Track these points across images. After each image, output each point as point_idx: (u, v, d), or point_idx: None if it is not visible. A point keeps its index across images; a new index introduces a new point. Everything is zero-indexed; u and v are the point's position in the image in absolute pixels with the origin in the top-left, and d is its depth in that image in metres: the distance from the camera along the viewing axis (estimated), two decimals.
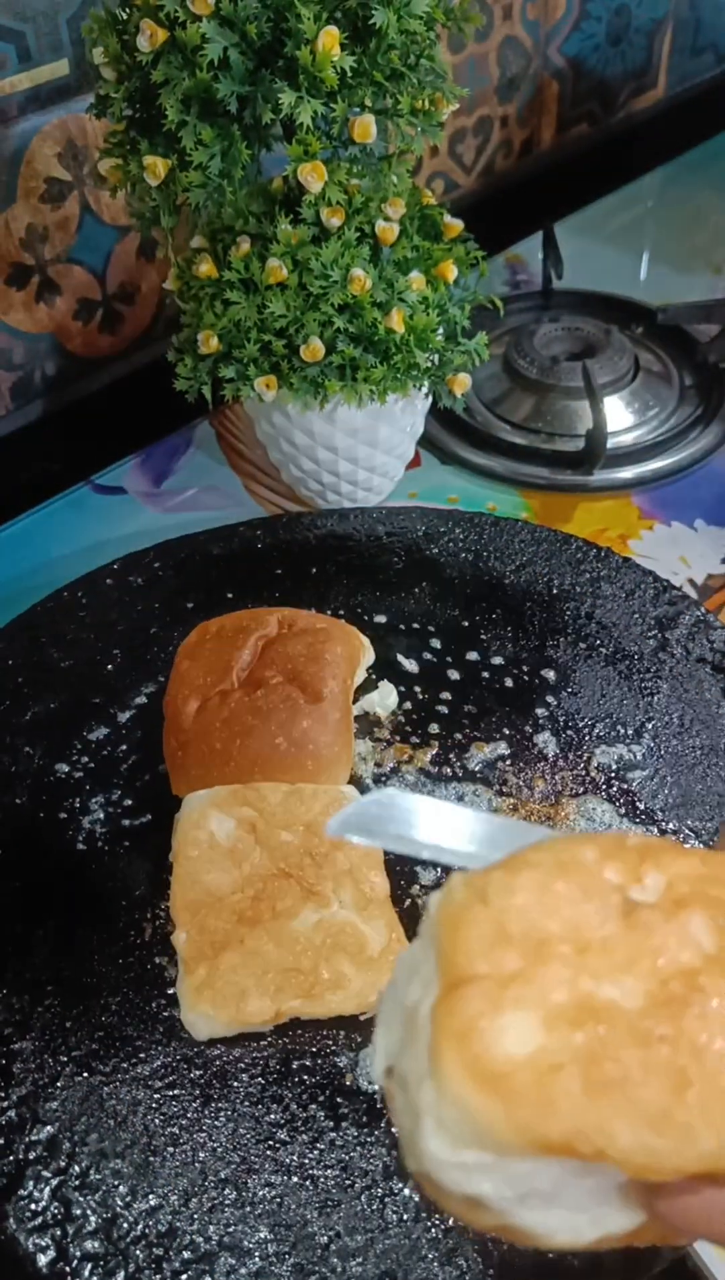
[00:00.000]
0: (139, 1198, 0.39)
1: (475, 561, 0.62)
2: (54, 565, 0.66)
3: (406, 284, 0.58)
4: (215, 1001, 0.41)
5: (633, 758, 0.52)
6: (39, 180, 0.69)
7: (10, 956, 0.46)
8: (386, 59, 0.52)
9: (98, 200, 0.73)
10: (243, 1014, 0.41)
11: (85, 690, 0.56)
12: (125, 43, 0.53)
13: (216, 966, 0.42)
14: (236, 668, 0.50)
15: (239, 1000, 0.41)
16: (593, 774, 0.51)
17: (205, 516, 0.70)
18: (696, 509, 0.71)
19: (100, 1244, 0.38)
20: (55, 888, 0.48)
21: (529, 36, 0.97)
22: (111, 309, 0.77)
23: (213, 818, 0.46)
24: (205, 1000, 0.42)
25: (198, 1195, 0.39)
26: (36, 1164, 0.40)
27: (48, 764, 0.53)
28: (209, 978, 0.42)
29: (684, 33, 1.11)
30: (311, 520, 0.66)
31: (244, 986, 0.41)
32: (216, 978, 0.42)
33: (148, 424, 0.77)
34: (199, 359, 0.60)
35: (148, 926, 0.47)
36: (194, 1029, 0.42)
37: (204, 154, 0.52)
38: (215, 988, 0.42)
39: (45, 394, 0.76)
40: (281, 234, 0.56)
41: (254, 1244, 0.38)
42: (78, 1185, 0.39)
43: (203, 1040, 0.43)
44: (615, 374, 0.77)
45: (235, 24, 0.50)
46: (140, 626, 0.60)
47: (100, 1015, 0.44)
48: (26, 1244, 0.38)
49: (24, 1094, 0.42)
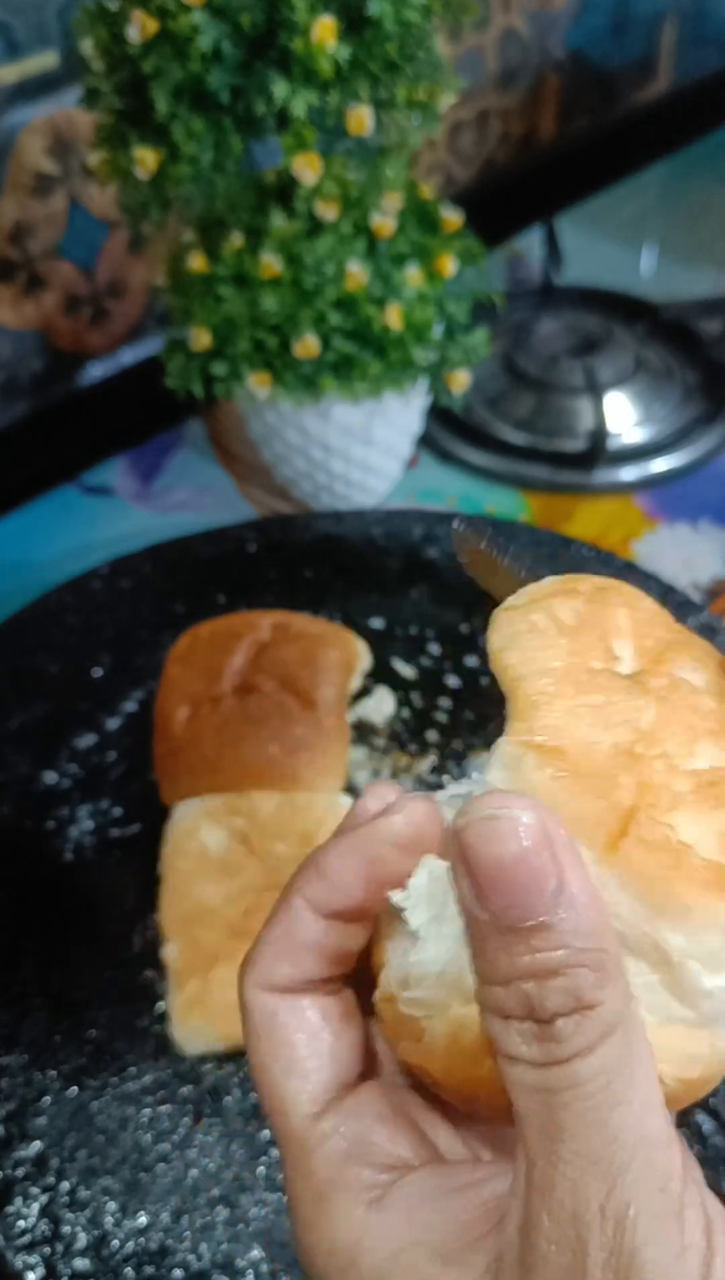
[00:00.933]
0: (129, 1215, 0.38)
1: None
2: (41, 567, 0.65)
3: (403, 279, 0.57)
4: (207, 1016, 0.41)
5: None
6: (27, 174, 0.68)
7: None
8: (383, 50, 0.51)
9: (86, 194, 0.72)
10: (237, 1028, 0.40)
11: (73, 697, 0.55)
12: (115, 34, 0.52)
13: (208, 980, 0.41)
14: (228, 673, 0.49)
15: (231, 1015, 0.40)
16: None
17: (196, 517, 0.69)
18: (700, 509, 0.70)
19: (90, 1262, 0.37)
20: (42, 899, 0.47)
21: (529, 28, 0.95)
22: (100, 305, 0.76)
23: (204, 828, 0.45)
24: (197, 1014, 0.41)
25: (189, 1213, 0.38)
26: (25, 1181, 0.39)
27: (34, 772, 0.52)
28: (201, 991, 0.41)
29: (686, 24, 1.10)
30: (305, 522, 0.65)
31: (235, 1001, 0.40)
32: (208, 991, 0.41)
33: (137, 422, 0.76)
34: (190, 356, 0.59)
35: (137, 939, 0.46)
36: (185, 1044, 0.42)
37: (195, 146, 0.51)
38: (207, 1002, 0.41)
39: (32, 392, 0.75)
40: (275, 228, 0.55)
41: (247, 1263, 0.37)
42: (67, 1202, 0.39)
43: (194, 1056, 0.42)
44: (617, 371, 0.76)
45: (228, 14, 0.49)
46: (129, 631, 0.59)
47: (89, 1029, 0.43)
48: (15, 1262, 0.37)
49: (11, 1110, 0.41)
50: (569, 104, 1.04)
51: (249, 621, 0.52)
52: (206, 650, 0.51)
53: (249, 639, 0.51)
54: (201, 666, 0.50)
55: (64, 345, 0.76)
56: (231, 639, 0.51)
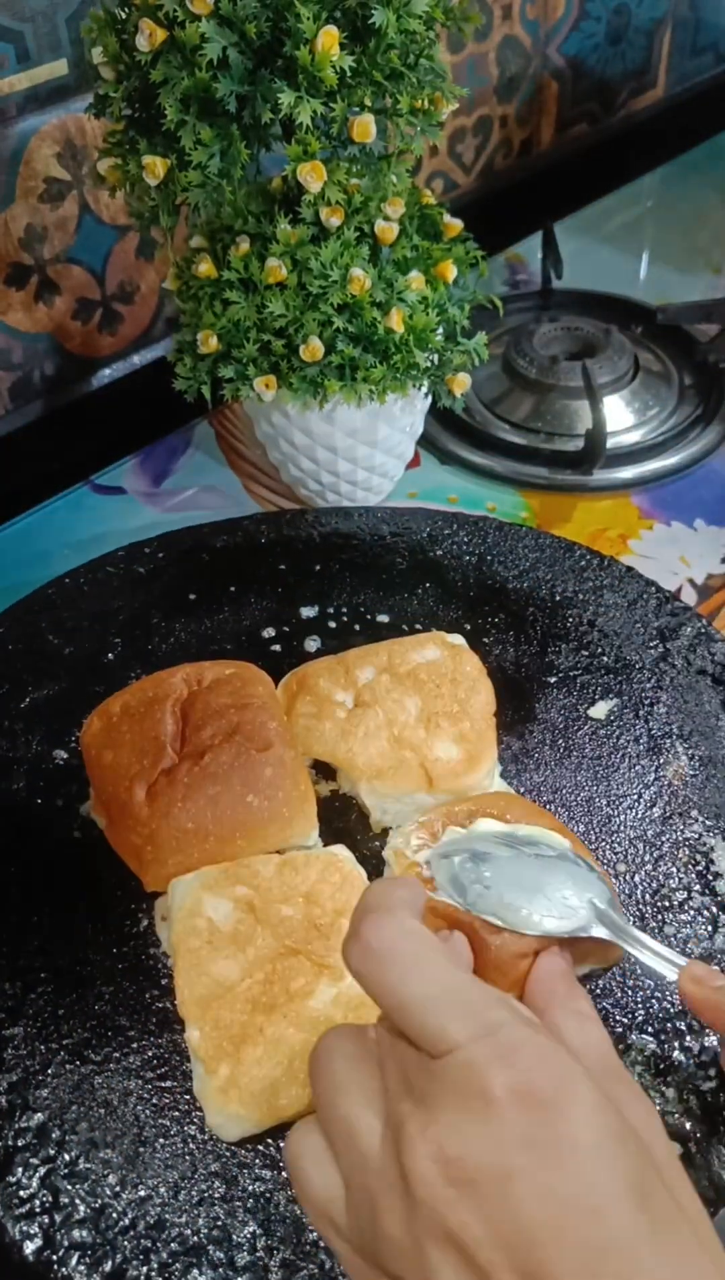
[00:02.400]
0: (128, 1188, 0.39)
1: (479, 565, 0.63)
2: (53, 565, 0.66)
3: (406, 284, 0.58)
4: (245, 1101, 0.39)
5: None
6: (38, 180, 0.70)
7: (4, 943, 0.46)
8: (386, 59, 0.52)
9: (97, 200, 0.73)
10: (276, 1109, 0.39)
11: (85, 678, 0.56)
12: (124, 42, 0.54)
13: (240, 1062, 0.39)
14: (167, 740, 0.47)
15: (270, 1096, 0.39)
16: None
17: (205, 516, 0.70)
18: (696, 509, 0.71)
19: (88, 1233, 0.38)
20: (51, 875, 0.48)
21: (528, 36, 0.97)
22: (110, 309, 0.78)
23: (207, 902, 0.43)
24: (233, 1101, 0.39)
25: (187, 1187, 0.39)
26: (25, 1151, 0.40)
27: (46, 751, 0.53)
28: (233, 1075, 0.39)
29: (683, 32, 1.11)
30: (315, 517, 0.66)
31: (272, 1079, 0.39)
32: (241, 1074, 0.39)
33: (147, 424, 0.77)
34: (198, 359, 0.60)
35: (143, 917, 0.47)
36: (222, 1131, 0.40)
37: (203, 153, 0.52)
38: (242, 1085, 0.39)
39: (44, 394, 0.77)
40: (281, 234, 0.56)
41: (243, 1238, 0.38)
42: (67, 1174, 0.39)
43: (233, 1141, 0.40)
44: (615, 374, 0.77)
45: (234, 23, 0.50)
46: (142, 616, 0.60)
47: (93, 1004, 0.44)
48: (13, 1231, 0.38)
49: (14, 1080, 0.42)
50: (567, 111, 1.05)
51: (156, 683, 0.49)
52: (128, 726, 0.48)
53: (170, 701, 0.48)
54: (132, 745, 0.47)
55: (75, 348, 0.77)
56: (151, 706, 0.48)
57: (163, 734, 0.47)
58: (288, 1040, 0.40)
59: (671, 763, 0.52)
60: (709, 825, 0.49)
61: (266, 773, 0.46)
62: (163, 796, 0.46)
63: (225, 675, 0.50)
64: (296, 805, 0.47)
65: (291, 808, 0.46)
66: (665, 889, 0.47)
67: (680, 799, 0.50)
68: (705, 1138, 0.40)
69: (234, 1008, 0.41)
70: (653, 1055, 0.42)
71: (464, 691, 0.51)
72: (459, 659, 0.52)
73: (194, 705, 0.48)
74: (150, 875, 0.46)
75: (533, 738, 0.54)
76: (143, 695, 0.49)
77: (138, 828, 0.46)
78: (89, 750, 0.49)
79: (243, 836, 0.45)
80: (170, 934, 0.44)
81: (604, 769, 0.52)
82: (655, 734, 0.53)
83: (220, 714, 0.47)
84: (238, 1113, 0.39)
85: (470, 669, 0.52)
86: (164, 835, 0.45)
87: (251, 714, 0.48)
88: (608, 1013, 0.43)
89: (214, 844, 0.45)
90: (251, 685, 0.50)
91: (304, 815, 0.47)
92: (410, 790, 0.49)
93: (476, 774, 0.49)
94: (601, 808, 0.50)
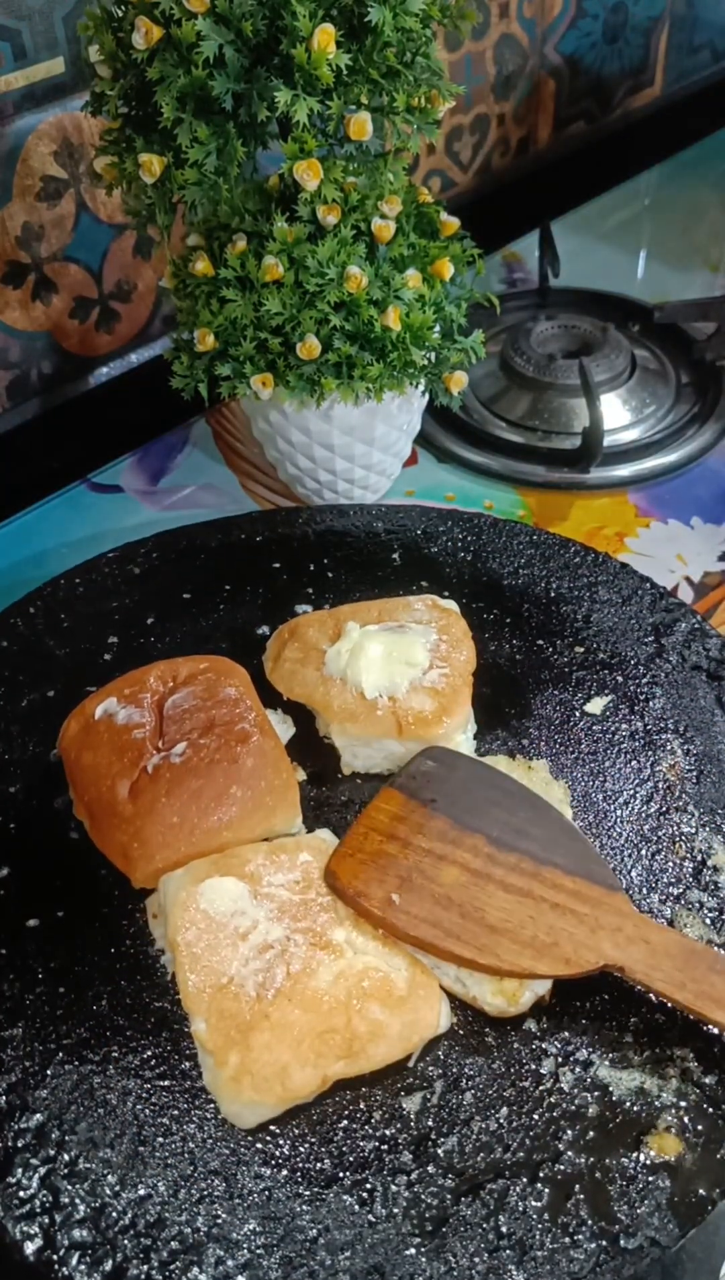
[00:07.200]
0: (128, 1187, 0.39)
1: (473, 562, 0.63)
2: (50, 564, 0.66)
3: (403, 282, 0.58)
4: (257, 1087, 0.39)
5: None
6: (35, 178, 0.70)
7: (2, 944, 0.46)
8: (382, 56, 0.52)
9: (94, 198, 0.73)
10: (290, 1090, 0.40)
11: (81, 678, 0.56)
12: (120, 40, 0.54)
13: (249, 1049, 0.40)
14: (146, 737, 0.47)
15: (282, 1078, 0.40)
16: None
17: (202, 514, 0.71)
18: (693, 507, 0.71)
19: (88, 1233, 0.38)
20: (49, 876, 0.48)
21: (525, 34, 0.97)
22: (107, 307, 0.78)
23: (200, 895, 0.43)
24: (246, 1088, 0.39)
25: (187, 1186, 0.39)
26: (25, 1151, 0.40)
27: (43, 752, 0.53)
28: (244, 1063, 0.40)
29: (681, 30, 1.11)
30: (310, 515, 0.66)
31: (283, 1062, 0.40)
32: (252, 1061, 0.40)
33: (144, 422, 0.77)
34: (195, 357, 0.60)
35: (141, 916, 0.47)
36: (238, 1120, 0.40)
37: (199, 151, 0.52)
38: (253, 1072, 0.39)
39: (41, 392, 0.77)
40: (277, 232, 0.56)
41: (242, 1236, 0.38)
42: (66, 1174, 0.39)
43: (250, 1129, 0.40)
44: (612, 372, 0.77)
45: (231, 21, 0.50)
46: (137, 616, 0.60)
47: (91, 1004, 0.44)
48: (14, 1231, 0.38)
49: (13, 1081, 0.42)
50: (564, 109, 1.05)
51: (131, 682, 0.50)
52: (106, 726, 0.48)
53: (146, 699, 0.49)
54: (111, 744, 0.47)
55: (72, 347, 0.77)
56: (127, 705, 0.48)
57: (141, 732, 0.47)
58: (293, 1022, 0.40)
59: (667, 758, 0.52)
60: (704, 820, 0.49)
61: (248, 763, 0.47)
62: (146, 793, 0.46)
63: (200, 670, 0.50)
64: (280, 794, 0.47)
65: (275, 796, 0.47)
66: (661, 883, 0.47)
67: (676, 794, 0.50)
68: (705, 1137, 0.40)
69: (237, 996, 0.41)
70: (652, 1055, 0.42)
71: (447, 647, 0.52)
72: (449, 619, 0.54)
73: (170, 700, 0.49)
74: (138, 873, 0.46)
75: (528, 733, 0.54)
76: (118, 695, 0.50)
77: (123, 825, 0.46)
78: (68, 753, 0.49)
79: (228, 828, 0.46)
80: (165, 930, 0.44)
81: (600, 764, 0.52)
82: (651, 729, 0.53)
83: (197, 709, 0.48)
84: (252, 1100, 0.40)
85: (457, 630, 0.54)
86: (150, 831, 0.45)
87: (228, 707, 0.48)
88: (608, 1012, 0.43)
89: (200, 837, 0.46)
90: (227, 678, 0.50)
91: (287, 803, 0.48)
92: (379, 735, 0.50)
93: (444, 726, 0.50)
94: (597, 803, 0.50)
